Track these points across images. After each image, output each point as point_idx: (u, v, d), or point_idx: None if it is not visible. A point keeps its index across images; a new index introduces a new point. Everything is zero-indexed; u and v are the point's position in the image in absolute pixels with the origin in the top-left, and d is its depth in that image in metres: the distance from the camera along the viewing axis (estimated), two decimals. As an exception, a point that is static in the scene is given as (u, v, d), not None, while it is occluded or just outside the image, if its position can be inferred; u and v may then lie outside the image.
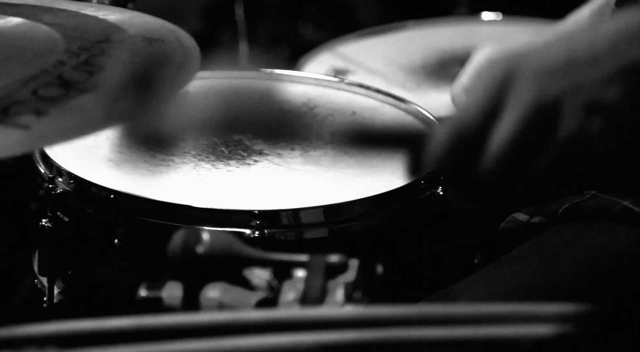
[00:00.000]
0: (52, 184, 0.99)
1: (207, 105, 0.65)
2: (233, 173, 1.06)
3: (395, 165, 1.09)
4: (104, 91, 0.78)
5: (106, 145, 1.08)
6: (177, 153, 1.09)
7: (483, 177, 0.62)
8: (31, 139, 0.70)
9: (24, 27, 0.85)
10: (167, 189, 1.01)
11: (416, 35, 1.72)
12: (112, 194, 0.97)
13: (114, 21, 0.90)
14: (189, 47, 0.89)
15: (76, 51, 0.82)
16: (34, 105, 0.73)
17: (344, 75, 1.59)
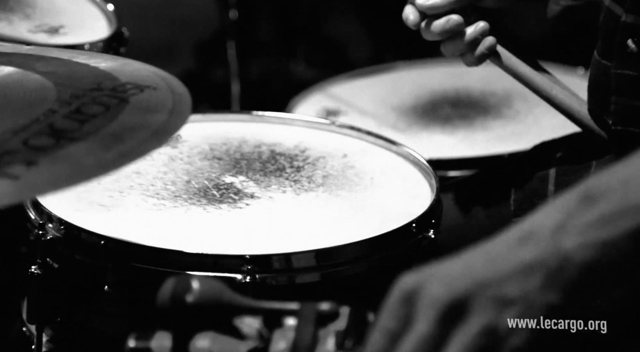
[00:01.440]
0: (42, 230, 0.99)
1: None
2: (224, 217, 1.06)
3: (387, 207, 1.09)
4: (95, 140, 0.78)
5: (97, 190, 1.08)
6: (168, 197, 1.09)
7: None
8: (21, 190, 0.70)
9: (16, 76, 0.85)
10: (158, 234, 1.01)
11: (407, 76, 1.74)
12: (102, 240, 0.96)
13: (105, 69, 0.90)
14: (181, 94, 0.89)
15: (67, 100, 0.83)
16: (24, 155, 0.74)
17: (335, 115, 1.60)
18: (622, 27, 0.99)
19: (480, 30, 1.07)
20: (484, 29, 1.07)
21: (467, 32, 1.07)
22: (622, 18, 0.99)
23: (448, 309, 0.64)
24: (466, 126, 1.55)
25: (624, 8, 0.99)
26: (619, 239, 0.64)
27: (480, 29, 1.07)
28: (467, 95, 1.64)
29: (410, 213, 1.05)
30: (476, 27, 1.07)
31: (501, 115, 1.58)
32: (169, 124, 0.84)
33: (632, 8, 0.98)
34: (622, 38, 0.99)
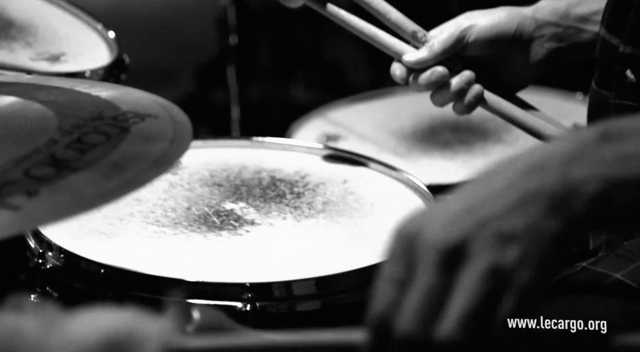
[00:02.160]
0: (42, 259, 0.99)
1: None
2: (224, 244, 1.06)
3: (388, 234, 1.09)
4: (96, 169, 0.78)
5: (97, 217, 1.07)
6: (168, 224, 1.09)
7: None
8: (22, 220, 0.70)
9: (18, 106, 0.86)
10: (158, 262, 1.00)
11: (406, 101, 1.75)
12: (102, 268, 0.96)
13: (106, 98, 0.91)
14: (181, 122, 0.90)
15: (69, 129, 0.83)
16: (26, 185, 0.74)
17: (335, 140, 1.60)
18: (621, 58, 1.00)
19: (466, 80, 1.10)
20: (469, 78, 1.10)
21: (452, 82, 1.10)
22: (620, 49, 1.00)
23: (448, 254, 0.61)
24: (466, 151, 1.56)
25: (621, 39, 1.00)
26: (632, 180, 0.63)
27: (466, 78, 1.10)
28: (467, 120, 1.65)
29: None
30: (461, 77, 1.10)
31: (500, 140, 1.58)
32: (170, 152, 0.84)
33: (630, 39, 0.99)
34: (621, 69, 1.00)
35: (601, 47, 1.04)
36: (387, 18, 1.15)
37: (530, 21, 1.11)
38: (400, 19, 1.15)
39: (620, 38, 1.00)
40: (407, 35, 1.14)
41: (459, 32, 1.10)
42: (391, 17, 1.15)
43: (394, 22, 1.15)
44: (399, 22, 1.15)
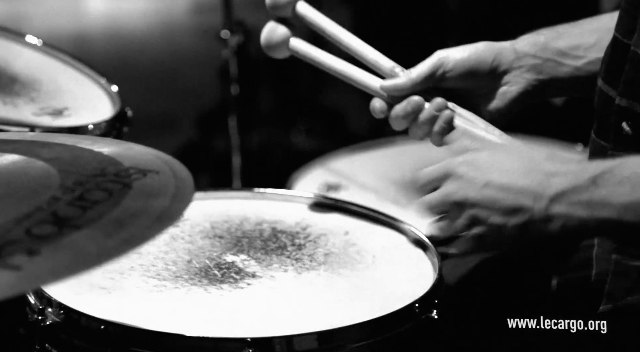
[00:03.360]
0: (41, 315, 0.98)
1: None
2: (225, 297, 1.05)
3: (389, 287, 1.09)
4: (97, 227, 0.78)
5: (97, 271, 1.07)
6: (169, 278, 1.08)
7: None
8: (22, 281, 0.70)
9: (20, 163, 0.86)
10: (158, 317, 1.00)
11: (406, 150, 1.75)
12: (102, 324, 0.95)
13: (109, 154, 0.91)
14: (183, 178, 0.90)
15: (71, 186, 0.83)
16: (27, 244, 0.74)
17: (336, 190, 1.60)
18: (617, 110, 1.01)
19: (436, 106, 1.11)
20: (439, 105, 1.11)
21: (424, 111, 1.11)
22: (616, 101, 1.01)
23: (452, 205, 0.98)
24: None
25: (617, 91, 1.01)
26: (597, 223, 0.89)
27: (436, 105, 1.12)
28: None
29: (413, 293, 1.05)
30: (432, 104, 1.11)
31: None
32: (172, 209, 0.84)
33: (625, 92, 1.00)
34: (617, 120, 1.01)
35: (599, 98, 1.05)
36: (365, 57, 1.17)
37: (509, 52, 1.13)
38: (378, 57, 1.17)
39: (617, 90, 1.01)
40: (386, 71, 1.16)
41: (436, 60, 1.12)
42: (369, 55, 1.17)
43: (372, 60, 1.16)
44: (377, 60, 1.16)
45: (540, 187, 0.91)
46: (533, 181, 0.92)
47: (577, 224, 0.90)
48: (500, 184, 0.94)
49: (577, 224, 0.90)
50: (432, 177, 1.01)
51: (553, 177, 0.91)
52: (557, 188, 0.90)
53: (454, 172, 0.98)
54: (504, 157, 0.96)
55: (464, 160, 0.97)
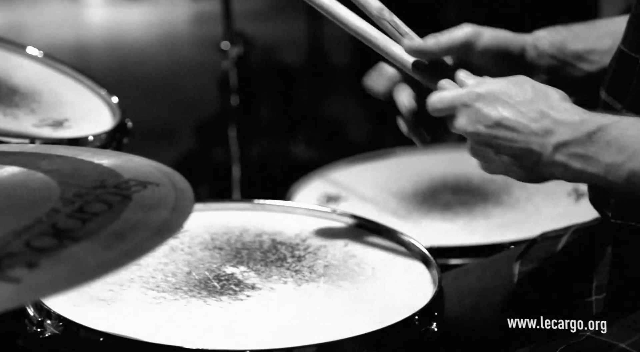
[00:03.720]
0: (40, 327, 0.98)
1: None
2: (225, 309, 1.05)
3: (389, 299, 1.08)
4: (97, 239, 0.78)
5: (97, 283, 1.07)
6: (168, 290, 1.08)
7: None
8: (22, 293, 0.70)
9: (20, 175, 0.86)
10: (157, 329, 0.99)
11: (406, 162, 1.76)
12: (101, 336, 0.95)
13: (108, 166, 0.91)
14: (183, 190, 0.90)
15: (71, 198, 0.83)
16: (26, 257, 0.73)
17: (336, 201, 1.60)
18: None
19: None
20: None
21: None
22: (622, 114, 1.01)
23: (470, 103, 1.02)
24: (466, 213, 1.55)
25: (622, 104, 1.01)
26: (589, 176, 0.95)
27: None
28: (467, 182, 1.65)
29: (413, 305, 1.04)
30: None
31: (501, 202, 1.58)
32: (171, 220, 0.84)
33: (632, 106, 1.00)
34: None
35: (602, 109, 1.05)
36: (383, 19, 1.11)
37: (531, 48, 1.13)
38: (398, 22, 1.11)
39: (622, 103, 1.01)
40: (396, 35, 1.10)
41: (471, 31, 1.09)
42: (387, 16, 1.11)
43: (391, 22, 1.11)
44: (397, 24, 1.11)
45: (548, 134, 0.96)
46: (542, 127, 0.97)
47: (573, 173, 0.96)
48: (512, 124, 0.98)
49: (573, 173, 0.96)
50: (446, 105, 1.02)
51: (559, 126, 0.96)
52: (560, 138, 0.96)
53: (469, 105, 1.00)
54: (519, 92, 0.98)
55: (479, 94, 1.00)
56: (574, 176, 0.96)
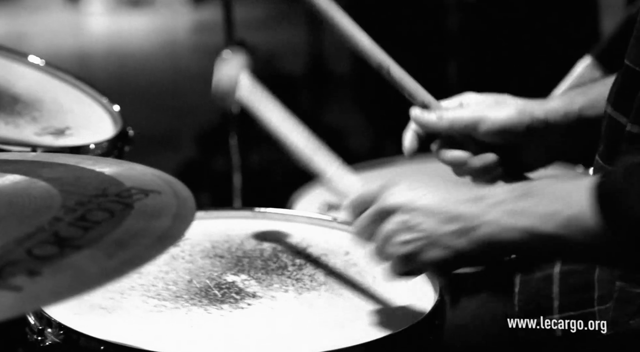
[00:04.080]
0: (41, 336, 0.98)
1: None
2: (226, 317, 1.05)
3: (390, 308, 1.08)
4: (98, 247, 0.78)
5: (98, 291, 1.07)
6: (169, 298, 1.08)
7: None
8: (23, 302, 0.70)
9: (22, 184, 0.86)
10: (158, 337, 0.99)
11: (407, 171, 1.75)
12: (102, 345, 0.95)
13: (110, 174, 0.91)
14: (185, 198, 0.90)
15: (73, 207, 0.83)
16: (28, 265, 0.74)
17: (336, 210, 1.60)
18: (628, 137, 1.01)
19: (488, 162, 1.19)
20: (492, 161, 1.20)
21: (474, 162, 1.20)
22: (627, 128, 1.01)
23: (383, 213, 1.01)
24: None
25: (627, 118, 1.01)
26: (522, 229, 0.92)
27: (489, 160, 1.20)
28: (468, 191, 1.65)
29: (414, 314, 1.04)
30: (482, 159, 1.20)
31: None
32: (173, 228, 0.84)
33: (637, 119, 1.00)
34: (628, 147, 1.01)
35: (608, 124, 1.05)
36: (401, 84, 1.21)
37: (540, 123, 1.17)
38: (414, 87, 1.20)
39: (628, 117, 1.01)
40: (418, 103, 1.21)
41: (471, 121, 1.17)
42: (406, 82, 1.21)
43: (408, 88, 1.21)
44: (412, 89, 1.20)
45: (476, 200, 0.96)
46: (469, 199, 0.97)
47: (507, 230, 0.93)
48: (436, 202, 0.98)
49: (507, 230, 0.93)
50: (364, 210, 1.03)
51: (490, 193, 0.97)
52: (491, 200, 0.95)
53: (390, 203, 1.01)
54: (439, 193, 1.00)
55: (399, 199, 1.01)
56: (508, 232, 0.93)
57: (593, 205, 0.87)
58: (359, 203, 1.03)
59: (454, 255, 0.95)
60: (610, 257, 0.90)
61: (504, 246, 0.93)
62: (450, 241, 0.95)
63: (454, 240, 0.94)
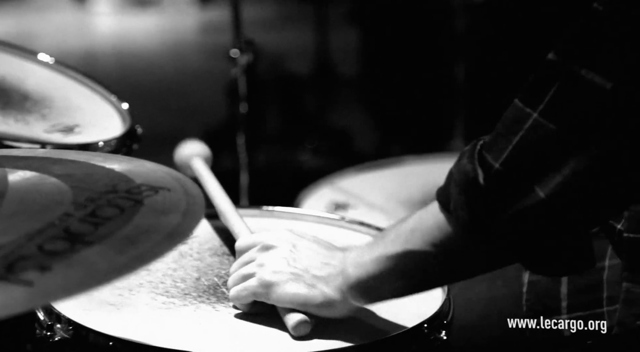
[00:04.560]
0: (50, 331, 0.98)
1: None
2: (233, 315, 1.05)
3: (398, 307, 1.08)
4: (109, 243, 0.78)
5: (106, 288, 1.07)
6: (177, 295, 1.08)
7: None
8: (35, 297, 0.70)
9: (33, 180, 0.87)
10: (167, 334, 1.00)
11: (415, 170, 1.76)
12: (110, 341, 0.95)
13: (120, 171, 0.92)
14: (194, 195, 0.90)
15: (83, 203, 0.83)
16: (39, 260, 0.74)
17: (344, 209, 1.60)
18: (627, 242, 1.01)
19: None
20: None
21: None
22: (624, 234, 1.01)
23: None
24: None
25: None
26: (372, 261, 0.97)
27: None
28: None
29: (422, 313, 1.04)
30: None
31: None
32: (183, 225, 0.84)
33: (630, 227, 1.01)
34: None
35: None
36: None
37: None
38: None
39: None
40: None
41: None
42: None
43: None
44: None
45: (339, 255, 1.01)
46: (337, 248, 1.03)
47: (371, 280, 0.97)
48: (314, 247, 1.03)
49: (371, 280, 0.97)
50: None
51: (348, 250, 1.01)
52: (350, 256, 0.99)
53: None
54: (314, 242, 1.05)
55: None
56: (363, 268, 0.97)
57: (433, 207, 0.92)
58: (247, 246, 1.07)
59: (313, 296, 0.99)
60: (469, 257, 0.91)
61: (369, 287, 0.97)
62: (318, 282, 0.99)
63: (317, 282, 0.99)
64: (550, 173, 0.83)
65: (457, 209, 0.89)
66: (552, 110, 0.83)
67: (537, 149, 0.84)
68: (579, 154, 0.82)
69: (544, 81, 0.84)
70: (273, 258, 1.02)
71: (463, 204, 0.88)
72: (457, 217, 0.89)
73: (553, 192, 0.83)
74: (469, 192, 0.87)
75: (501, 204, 0.85)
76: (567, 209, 0.83)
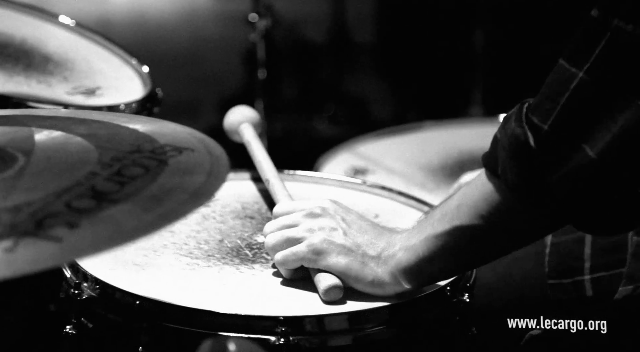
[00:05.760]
0: (77, 290, 0.99)
1: None
2: (257, 277, 1.06)
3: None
4: (135, 202, 0.79)
5: (131, 249, 1.08)
6: (201, 256, 1.09)
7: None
8: (63, 252, 0.71)
9: (60, 139, 0.87)
10: (191, 294, 1.00)
11: (434, 136, 1.75)
12: (137, 299, 0.96)
13: (144, 131, 0.92)
14: (218, 156, 0.90)
15: (108, 162, 0.84)
16: (67, 217, 0.74)
17: (363, 174, 1.60)
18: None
19: None
20: None
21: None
22: None
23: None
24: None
25: None
26: (422, 241, 0.97)
27: None
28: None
29: (444, 275, 1.04)
30: None
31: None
32: (207, 185, 0.85)
33: None
34: None
35: None
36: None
37: None
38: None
39: None
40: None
41: None
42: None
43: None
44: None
45: (386, 236, 1.01)
46: (381, 236, 1.02)
47: (422, 262, 0.97)
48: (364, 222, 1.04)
49: (422, 262, 0.97)
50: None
51: (394, 232, 1.01)
52: (397, 238, 1.00)
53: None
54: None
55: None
56: (413, 252, 0.97)
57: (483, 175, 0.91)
58: (288, 210, 1.07)
59: (365, 275, 0.98)
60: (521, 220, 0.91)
61: (421, 270, 0.96)
62: (370, 261, 0.98)
63: (369, 261, 0.98)
64: (599, 132, 0.83)
65: (507, 172, 0.88)
66: (598, 68, 0.83)
67: (585, 108, 0.84)
68: (627, 110, 0.81)
69: (588, 39, 0.84)
70: (324, 226, 1.01)
71: (513, 167, 0.87)
72: (506, 181, 0.88)
73: (603, 151, 0.83)
74: (521, 155, 0.86)
75: (553, 165, 0.85)
76: (617, 167, 0.83)
